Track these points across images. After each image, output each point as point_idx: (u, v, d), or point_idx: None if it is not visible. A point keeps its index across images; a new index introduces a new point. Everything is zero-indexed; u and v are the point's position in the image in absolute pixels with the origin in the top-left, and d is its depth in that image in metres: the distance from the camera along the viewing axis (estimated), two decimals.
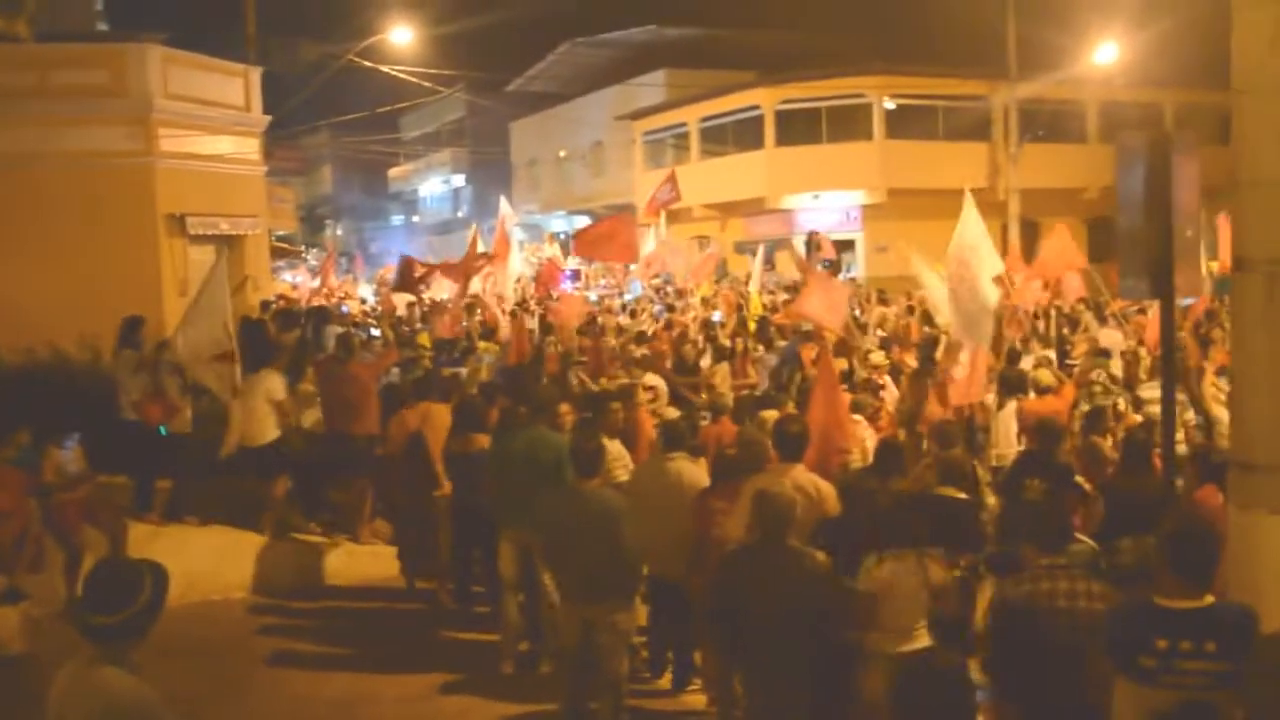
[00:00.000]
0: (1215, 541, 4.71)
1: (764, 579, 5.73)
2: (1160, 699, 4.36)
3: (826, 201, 32.81)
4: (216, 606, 10.30)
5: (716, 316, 19.10)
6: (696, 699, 8.06)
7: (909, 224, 13.71)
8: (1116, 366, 12.05)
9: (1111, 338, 13.89)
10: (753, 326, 16.58)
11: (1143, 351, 12.50)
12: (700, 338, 15.73)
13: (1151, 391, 10.06)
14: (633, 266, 24.26)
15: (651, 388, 11.55)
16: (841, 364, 11.32)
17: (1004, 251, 13.89)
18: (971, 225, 10.59)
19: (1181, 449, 8.82)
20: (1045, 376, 10.65)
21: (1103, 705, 4.59)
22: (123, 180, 15.86)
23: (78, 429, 9.81)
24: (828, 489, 6.87)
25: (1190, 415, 10.04)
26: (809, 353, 13.42)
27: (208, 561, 10.63)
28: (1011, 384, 10.44)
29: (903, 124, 32.01)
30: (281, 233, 36.05)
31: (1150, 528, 5.89)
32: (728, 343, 14.91)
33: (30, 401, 10.61)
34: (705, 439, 9.28)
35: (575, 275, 30.31)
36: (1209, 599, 4.44)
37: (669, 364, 13.42)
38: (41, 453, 9.39)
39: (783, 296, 21.58)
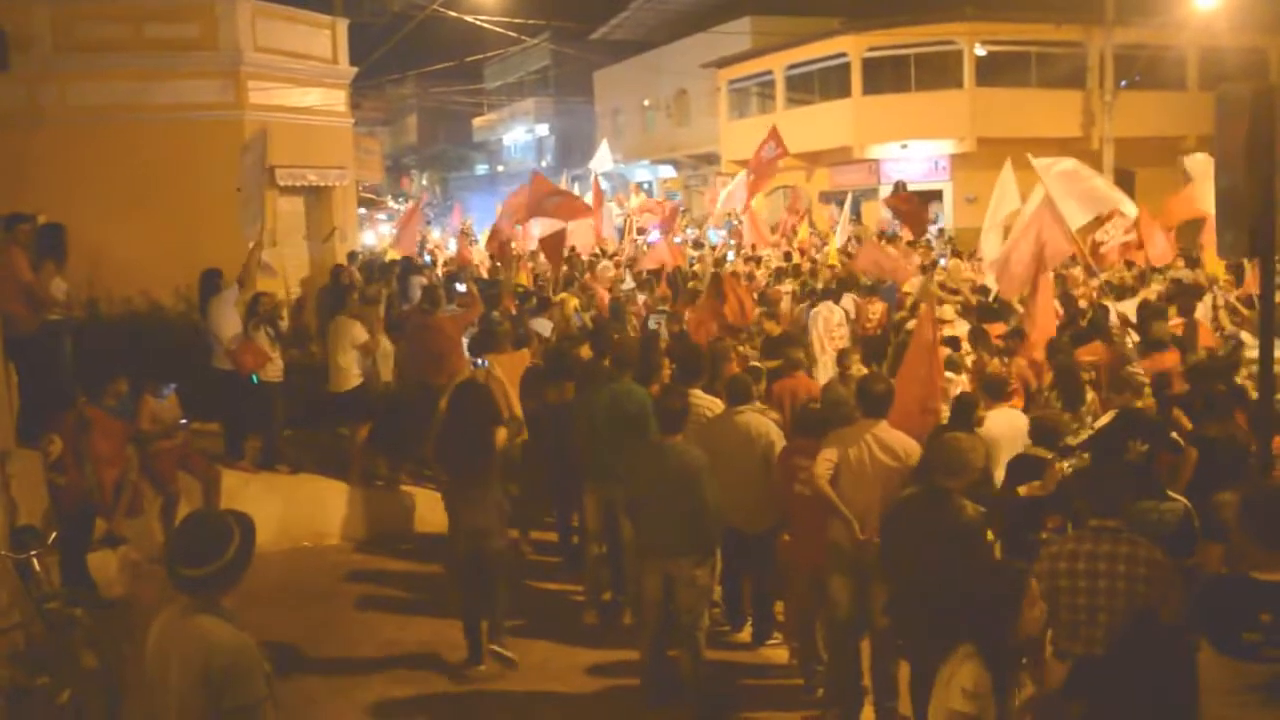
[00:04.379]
0: None
1: (925, 527, 5.71)
2: (1258, 673, 4.25)
3: (914, 151, 32.24)
4: (307, 553, 10.57)
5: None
6: (778, 653, 8.10)
7: (999, 174, 13.42)
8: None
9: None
10: (824, 275, 16.53)
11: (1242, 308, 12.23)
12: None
13: (1252, 352, 9.80)
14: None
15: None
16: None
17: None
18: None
19: None
20: (1160, 330, 10.43)
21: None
22: (213, 133, 16.05)
23: (173, 378, 10.04)
24: (914, 447, 6.81)
25: None
26: (867, 309, 13.41)
27: (299, 509, 10.90)
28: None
29: (994, 71, 31.27)
30: (368, 183, 36.41)
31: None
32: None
33: (127, 352, 10.85)
34: (780, 393, 9.24)
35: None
36: None
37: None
38: (138, 402, 9.64)
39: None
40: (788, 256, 20.62)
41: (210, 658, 3.84)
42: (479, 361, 10.32)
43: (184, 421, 10.02)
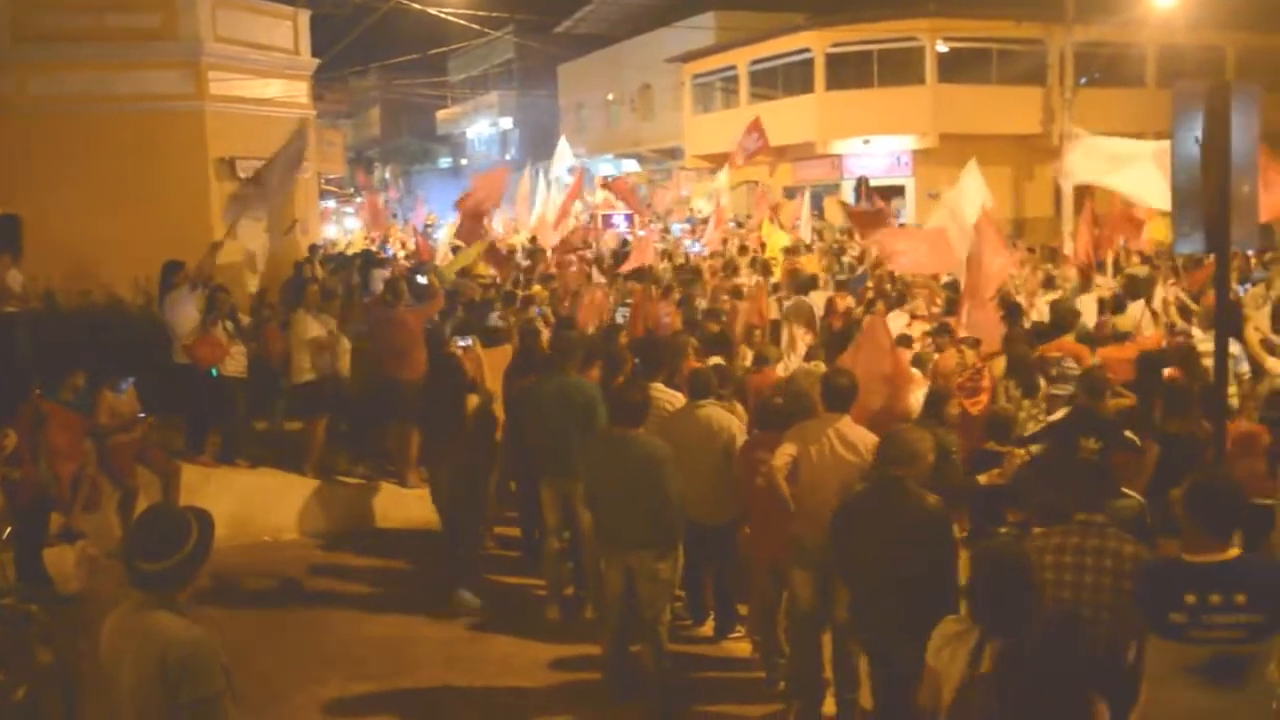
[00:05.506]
0: (1238, 494, 4.67)
1: (884, 520, 5.72)
2: (1191, 654, 4.34)
3: (877, 146, 32.43)
4: (266, 548, 10.49)
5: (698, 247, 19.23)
6: (740, 646, 8.12)
7: (960, 169, 13.50)
8: None
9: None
10: (777, 272, 16.58)
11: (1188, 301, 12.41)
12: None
13: (1206, 345, 9.92)
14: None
15: None
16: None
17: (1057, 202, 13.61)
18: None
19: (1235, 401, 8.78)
20: (1123, 322, 10.61)
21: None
22: (174, 124, 15.92)
23: (131, 372, 9.95)
24: (874, 442, 6.84)
25: (1245, 368, 9.95)
26: (837, 304, 13.43)
27: (258, 503, 10.83)
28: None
29: (955, 68, 31.52)
30: (331, 175, 36.16)
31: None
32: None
33: (86, 345, 10.74)
34: (748, 387, 9.29)
35: (629, 218, 30.20)
36: (1234, 551, 4.42)
37: None
38: (96, 395, 9.54)
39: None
40: (742, 250, 20.74)
41: (166, 652, 3.80)
42: (463, 341, 10.56)
43: (142, 415, 9.93)
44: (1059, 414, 8.27)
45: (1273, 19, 30.30)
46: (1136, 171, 12.48)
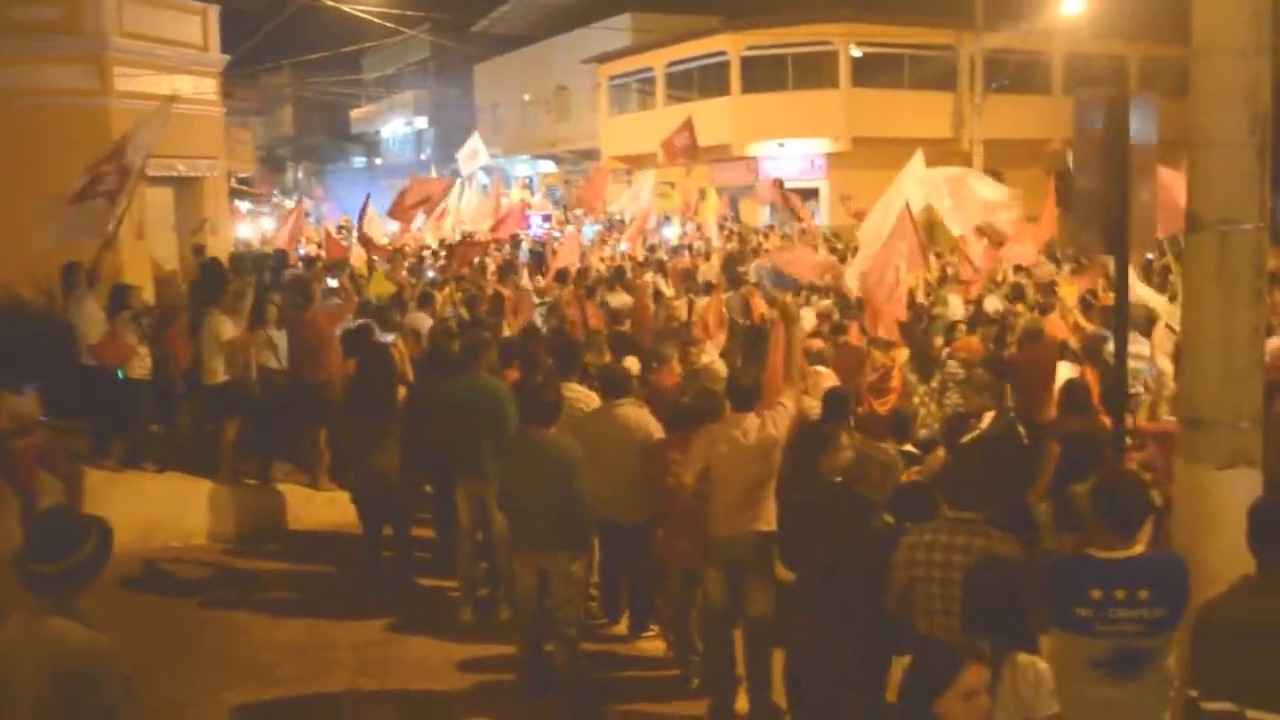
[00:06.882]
0: (1142, 491, 4.81)
1: (828, 523, 5.79)
2: (1096, 648, 4.46)
3: (792, 149, 32.73)
4: (174, 553, 10.28)
5: (624, 246, 19.40)
6: (654, 644, 8.15)
7: (873, 173, 13.66)
8: None
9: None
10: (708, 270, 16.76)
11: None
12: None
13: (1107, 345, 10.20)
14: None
15: None
16: None
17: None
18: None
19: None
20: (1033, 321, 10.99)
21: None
22: (77, 120, 15.54)
23: (33, 374, 9.70)
24: (775, 438, 6.90)
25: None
26: (757, 303, 13.57)
27: (165, 508, 10.60)
28: None
29: (869, 72, 31.92)
30: (242, 174, 35.59)
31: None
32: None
33: None
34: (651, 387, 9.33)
35: (546, 219, 30.19)
36: (1138, 548, 4.55)
37: None
38: None
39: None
40: (652, 249, 20.88)
41: (63, 660, 3.72)
42: (386, 338, 10.96)
43: (43, 419, 9.69)
44: (987, 418, 8.41)
45: (1174, 31, 30.77)
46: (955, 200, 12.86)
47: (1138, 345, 9.45)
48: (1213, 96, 5.21)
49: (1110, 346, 10.43)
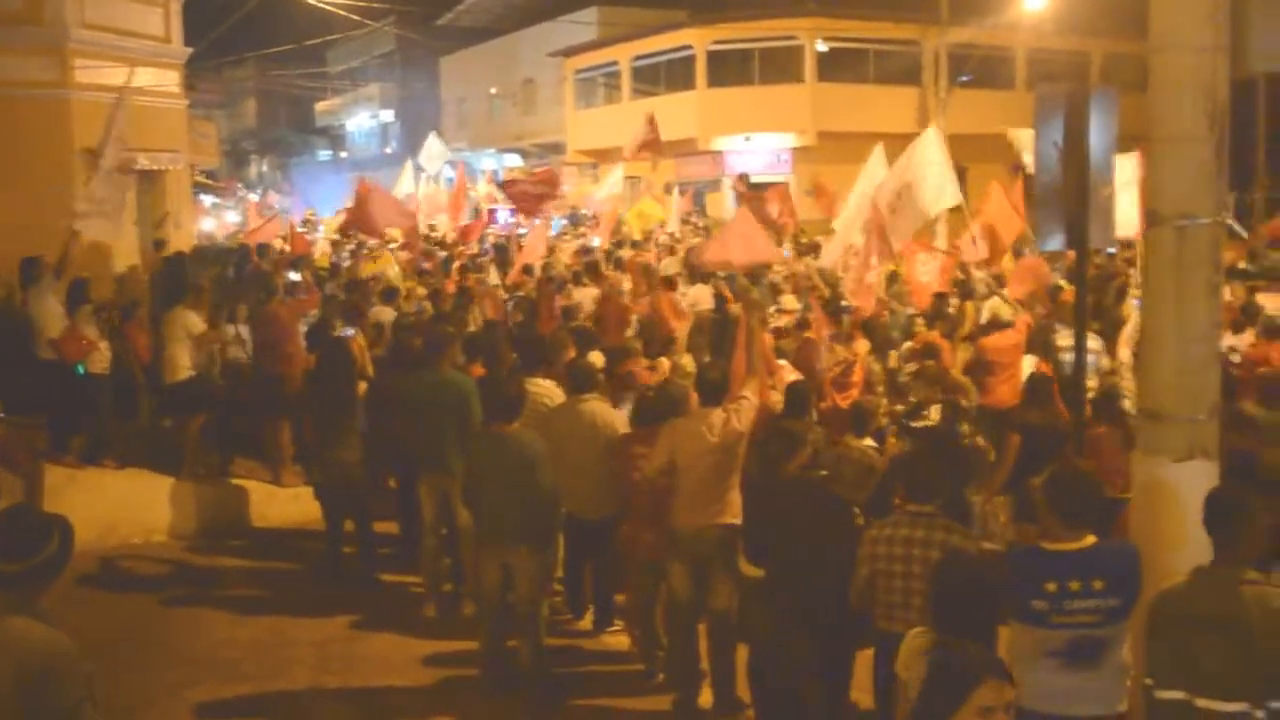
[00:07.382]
0: (1095, 484, 4.87)
1: (799, 513, 5.83)
2: (1052, 638, 4.51)
3: (758, 143, 32.78)
4: (136, 550, 10.21)
5: (596, 241, 19.43)
6: (618, 639, 8.15)
7: (839, 167, 13.70)
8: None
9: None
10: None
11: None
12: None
13: (1067, 339, 10.29)
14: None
15: None
16: None
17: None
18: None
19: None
20: (1003, 310, 11.02)
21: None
22: (37, 112, 15.40)
23: None
24: (738, 433, 6.92)
25: (1106, 362, 10.36)
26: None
27: (127, 505, 10.52)
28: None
29: (834, 67, 32.02)
30: (205, 168, 35.28)
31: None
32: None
33: None
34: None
35: (513, 213, 30.00)
36: (1090, 539, 4.59)
37: None
38: None
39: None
40: (618, 245, 20.87)
41: (24, 660, 3.68)
42: (347, 331, 10.95)
43: (2, 415, 9.58)
44: (934, 411, 8.49)
45: (1135, 27, 31.01)
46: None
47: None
48: (1171, 92, 5.24)
49: (1059, 339, 10.62)
